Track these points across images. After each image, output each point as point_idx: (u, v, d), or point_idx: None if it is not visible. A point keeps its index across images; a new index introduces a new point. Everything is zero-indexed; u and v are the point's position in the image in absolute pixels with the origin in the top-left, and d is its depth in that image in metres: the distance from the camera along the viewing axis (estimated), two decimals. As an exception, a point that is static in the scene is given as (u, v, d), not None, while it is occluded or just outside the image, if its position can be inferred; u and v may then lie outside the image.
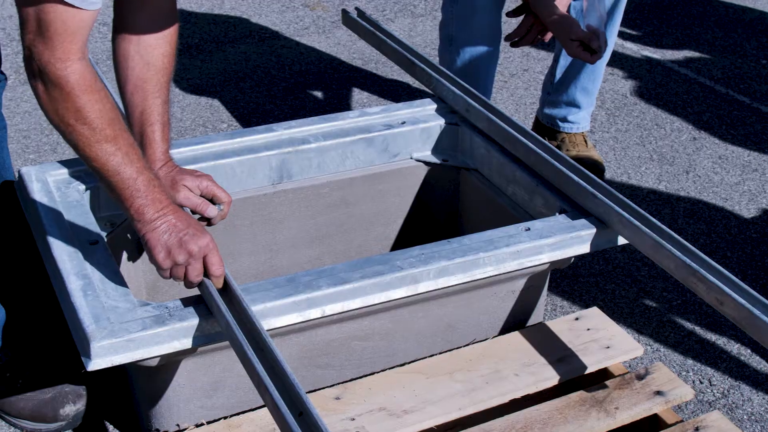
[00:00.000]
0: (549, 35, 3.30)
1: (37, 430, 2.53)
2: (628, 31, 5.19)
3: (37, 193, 2.43)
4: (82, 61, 1.88)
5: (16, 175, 2.59)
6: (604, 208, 2.37)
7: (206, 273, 2.06)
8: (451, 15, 3.50)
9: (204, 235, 2.05)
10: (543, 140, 2.62)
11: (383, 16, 5.34)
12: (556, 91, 3.73)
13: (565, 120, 3.75)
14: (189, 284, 2.08)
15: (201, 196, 2.33)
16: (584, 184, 2.44)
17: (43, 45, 1.84)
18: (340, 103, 4.36)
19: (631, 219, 2.30)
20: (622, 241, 2.38)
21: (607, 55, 3.60)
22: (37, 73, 1.86)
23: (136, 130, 2.30)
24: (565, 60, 3.67)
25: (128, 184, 1.97)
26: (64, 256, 2.20)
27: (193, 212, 2.30)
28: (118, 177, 1.96)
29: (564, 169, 2.50)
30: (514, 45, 3.34)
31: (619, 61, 4.82)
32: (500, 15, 3.48)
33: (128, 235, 2.54)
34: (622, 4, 3.54)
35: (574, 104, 3.71)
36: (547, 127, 3.80)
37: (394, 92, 4.48)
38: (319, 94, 4.45)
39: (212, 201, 2.34)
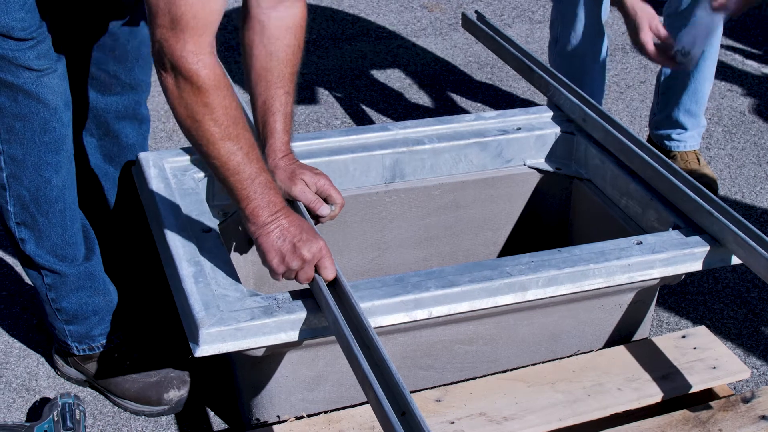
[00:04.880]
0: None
1: (140, 411, 2.57)
2: (749, 48, 5.10)
3: (154, 178, 2.47)
4: (212, 56, 1.90)
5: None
6: (719, 226, 2.33)
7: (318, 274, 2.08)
8: (556, 15, 3.61)
9: (317, 239, 2.05)
10: (659, 154, 2.59)
11: (501, 20, 5.32)
12: (661, 112, 3.72)
13: (670, 138, 3.72)
14: (300, 282, 2.10)
15: (316, 193, 2.34)
16: (700, 200, 2.40)
17: (175, 39, 1.85)
18: (453, 106, 4.36)
19: (747, 239, 2.26)
20: (735, 260, 2.34)
21: (707, 75, 3.60)
22: (169, 67, 1.88)
23: (259, 119, 2.32)
24: (665, 79, 3.66)
25: (246, 184, 1.99)
26: (177, 242, 2.24)
27: (306, 208, 2.31)
28: (237, 176, 1.98)
29: (680, 185, 2.47)
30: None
31: (738, 78, 4.74)
32: (599, 13, 3.53)
33: (239, 226, 2.57)
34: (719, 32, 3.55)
35: (679, 125, 3.69)
36: (656, 146, 3.77)
37: (509, 98, 4.46)
38: (433, 95, 4.45)
39: (326, 200, 2.35)
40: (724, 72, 4.75)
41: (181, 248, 2.22)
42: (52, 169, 2.29)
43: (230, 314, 2.01)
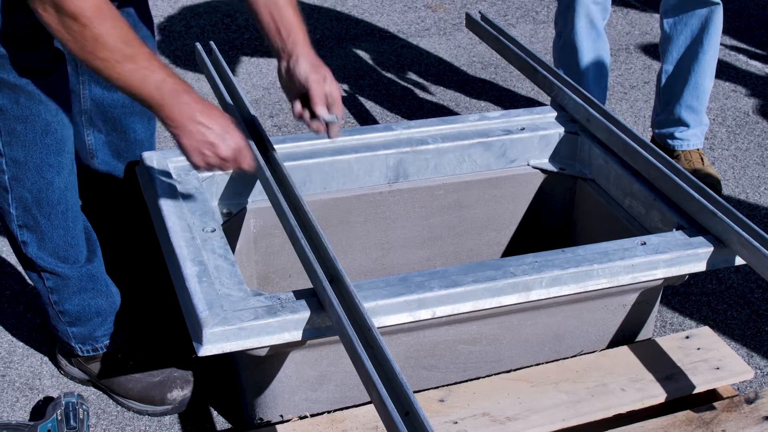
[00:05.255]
0: None
1: (143, 411, 2.57)
2: (753, 48, 5.10)
3: (158, 178, 2.47)
4: None
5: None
6: (723, 226, 2.32)
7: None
8: (560, 11, 3.75)
9: (234, 134, 2.10)
10: (663, 154, 2.59)
11: (505, 21, 5.32)
12: (663, 111, 3.74)
13: (673, 137, 3.73)
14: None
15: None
16: (704, 201, 2.40)
17: None
18: (457, 106, 4.36)
19: (751, 240, 2.25)
20: (739, 261, 2.34)
21: (707, 70, 3.65)
22: (51, 6, 1.89)
23: (269, 24, 2.30)
24: (667, 77, 3.69)
25: (154, 93, 2.01)
26: (181, 241, 2.23)
27: (312, 105, 2.27)
28: (145, 90, 2.00)
29: (683, 185, 2.46)
30: None
31: (742, 78, 4.74)
32: (593, 9, 3.68)
33: (243, 226, 2.57)
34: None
35: (681, 123, 3.70)
36: (660, 146, 3.77)
37: (512, 98, 4.46)
38: (437, 95, 4.45)
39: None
40: (728, 72, 4.75)
41: (184, 248, 2.21)
42: (54, 170, 2.29)
43: (234, 314, 2.00)
